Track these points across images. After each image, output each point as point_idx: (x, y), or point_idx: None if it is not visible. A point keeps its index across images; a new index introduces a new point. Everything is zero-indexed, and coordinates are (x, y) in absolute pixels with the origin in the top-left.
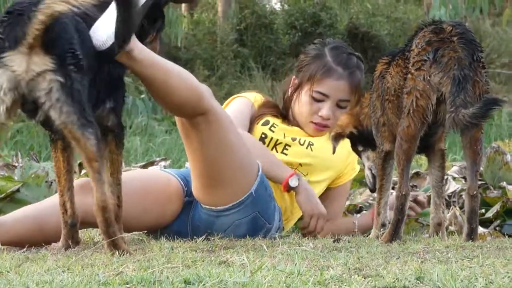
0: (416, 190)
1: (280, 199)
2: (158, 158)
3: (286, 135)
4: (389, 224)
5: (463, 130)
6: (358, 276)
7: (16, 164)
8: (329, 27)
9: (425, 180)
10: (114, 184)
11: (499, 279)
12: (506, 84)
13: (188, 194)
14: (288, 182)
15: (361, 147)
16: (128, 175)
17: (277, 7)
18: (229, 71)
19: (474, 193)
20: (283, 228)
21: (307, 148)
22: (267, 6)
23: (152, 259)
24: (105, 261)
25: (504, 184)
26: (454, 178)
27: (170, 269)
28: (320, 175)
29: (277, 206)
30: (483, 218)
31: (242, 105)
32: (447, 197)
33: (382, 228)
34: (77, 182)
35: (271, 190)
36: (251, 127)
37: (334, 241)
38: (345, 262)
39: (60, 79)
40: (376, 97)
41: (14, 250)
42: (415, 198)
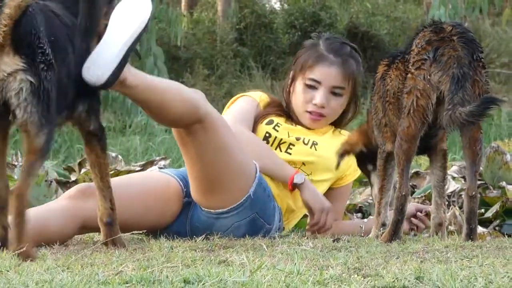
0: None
1: (281, 199)
2: (158, 157)
3: (290, 134)
4: (389, 224)
5: (462, 130)
6: (358, 276)
7: (16, 163)
8: (329, 27)
9: (425, 180)
10: (105, 188)
11: (499, 279)
12: (506, 84)
13: (187, 195)
14: (294, 180)
15: (371, 166)
16: (129, 179)
17: (277, 7)
18: (229, 70)
19: (473, 194)
20: (284, 228)
21: (311, 148)
22: (267, 6)
23: (152, 259)
24: (105, 261)
25: (504, 184)
26: (454, 178)
27: (170, 269)
28: (323, 175)
29: (277, 207)
30: (483, 218)
31: (247, 104)
32: (447, 197)
33: (382, 228)
34: (78, 188)
35: (270, 191)
36: (255, 127)
37: (334, 241)
38: (345, 262)
39: (31, 79)
40: (378, 99)
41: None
42: (426, 211)
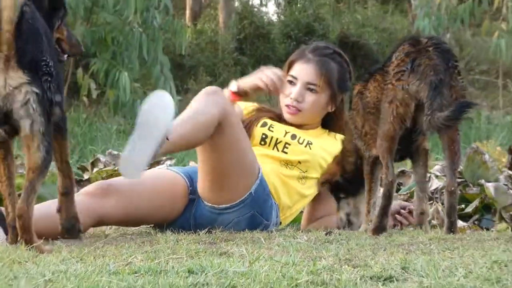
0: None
1: (279, 198)
2: (164, 157)
3: (286, 134)
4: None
5: (440, 131)
6: (348, 266)
7: None
8: (322, 37)
9: (410, 178)
10: (66, 168)
11: (478, 269)
12: (485, 90)
13: (192, 192)
14: (231, 90)
15: (343, 195)
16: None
17: (274, 18)
18: (230, 78)
19: (453, 189)
20: (281, 223)
21: (306, 147)
22: (265, 18)
23: (159, 251)
24: (115, 252)
25: (483, 182)
26: (437, 176)
27: (175, 260)
28: (318, 173)
29: (274, 204)
30: (463, 213)
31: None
32: (430, 194)
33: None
34: (98, 185)
35: (268, 189)
36: (251, 130)
37: (326, 234)
38: (336, 253)
39: (36, 91)
40: (356, 113)
41: None
42: (410, 209)
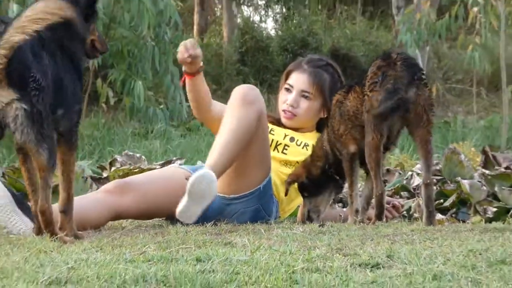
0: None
1: (279, 194)
2: (175, 158)
3: (285, 137)
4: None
5: (414, 135)
6: (339, 255)
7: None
8: (315, 50)
9: (394, 176)
10: (66, 181)
11: (455, 257)
12: (460, 97)
13: None
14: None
15: (307, 194)
16: (153, 175)
17: (272, 33)
18: (233, 86)
19: (428, 182)
20: (280, 217)
21: (303, 148)
22: (264, 32)
23: (170, 241)
24: (131, 243)
25: (459, 179)
26: (418, 174)
27: (185, 249)
28: None
29: (275, 201)
30: (442, 207)
31: None
32: (412, 190)
33: (356, 213)
34: (116, 184)
35: (272, 190)
36: None
37: (320, 226)
38: (329, 243)
39: (25, 106)
40: (333, 120)
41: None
42: (393, 204)
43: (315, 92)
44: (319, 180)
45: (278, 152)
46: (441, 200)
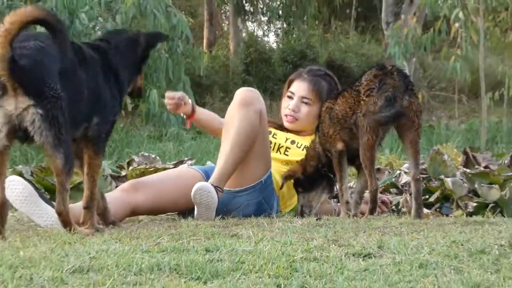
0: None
1: (279, 190)
2: (186, 158)
3: (286, 140)
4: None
5: (403, 137)
6: (335, 245)
7: None
8: (313, 61)
9: (384, 174)
10: (90, 182)
11: (439, 247)
12: (444, 103)
13: None
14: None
15: (301, 189)
16: (165, 174)
17: (274, 46)
18: None
19: (418, 177)
20: (281, 211)
21: (303, 150)
22: (267, 45)
23: (182, 233)
24: (147, 235)
25: (443, 177)
26: (406, 172)
27: (195, 240)
28: None
29: (277, 196)
30: (427, 202)
31: None
32: (400, 187)
33: (346, 204)
34: (130, 183)
35: (273, 184)
36: None
37: (317, 219)
38: (325, 235)
39: (40, 111)
40: (323, 124)
41: None
42: (382, 200)
43: (314, 98)
44: (313, 177)
45: (281, 154)
46: (427, 196)
